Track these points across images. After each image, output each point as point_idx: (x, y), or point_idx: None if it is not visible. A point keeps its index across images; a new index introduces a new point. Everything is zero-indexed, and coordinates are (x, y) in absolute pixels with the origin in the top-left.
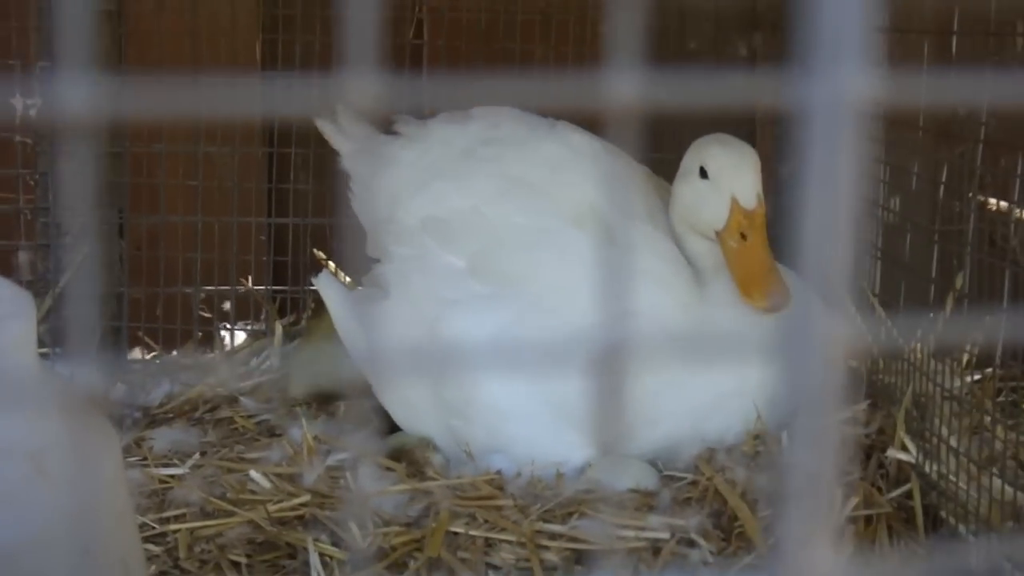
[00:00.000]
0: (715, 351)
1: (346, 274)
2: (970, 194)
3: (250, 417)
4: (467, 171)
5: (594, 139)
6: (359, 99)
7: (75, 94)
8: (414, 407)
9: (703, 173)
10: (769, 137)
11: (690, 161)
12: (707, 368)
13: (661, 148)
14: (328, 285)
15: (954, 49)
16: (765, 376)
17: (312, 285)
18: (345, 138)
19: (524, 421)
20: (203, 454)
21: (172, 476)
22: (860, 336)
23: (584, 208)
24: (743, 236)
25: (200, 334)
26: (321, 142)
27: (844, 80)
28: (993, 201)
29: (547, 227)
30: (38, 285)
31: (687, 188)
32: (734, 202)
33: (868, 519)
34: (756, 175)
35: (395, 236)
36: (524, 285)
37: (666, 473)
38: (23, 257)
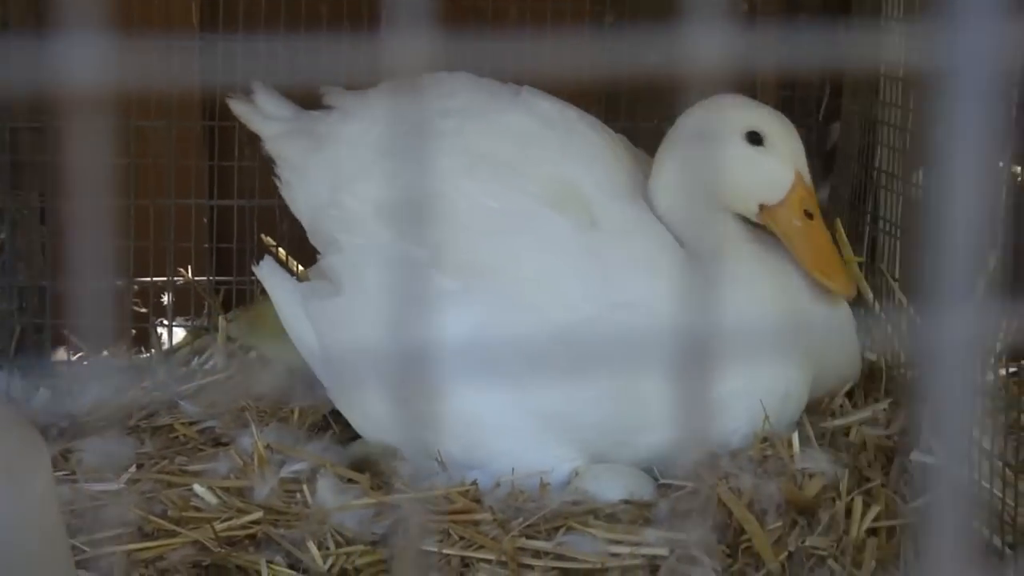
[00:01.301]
0: (723, 346)
1: (299, 263)
2: None
3: (192, 424)
4: (422, 147)
5: (566, 107)
6: (404, 62)
7: None
8: (377, 419)
9: (753, 139)
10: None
11: (719, 123)
12: (713, 364)
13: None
14: (272, 275)
15: None
16: (776, 372)
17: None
18: (265, 119)
19: (505, 435)
20: (140, 467)
21: (105, 492)
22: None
23: (561, 186)
24: (807, 215)
25: (134, 332)
26: None
27: (987, 34)
28: None
29: (520, 210)
30: None
31: (723, 152)
32: (799, 176)
33: (890, 531)
34: None
35: (342, 223)
36: (497, 278)
37: (663, 482)
38: None
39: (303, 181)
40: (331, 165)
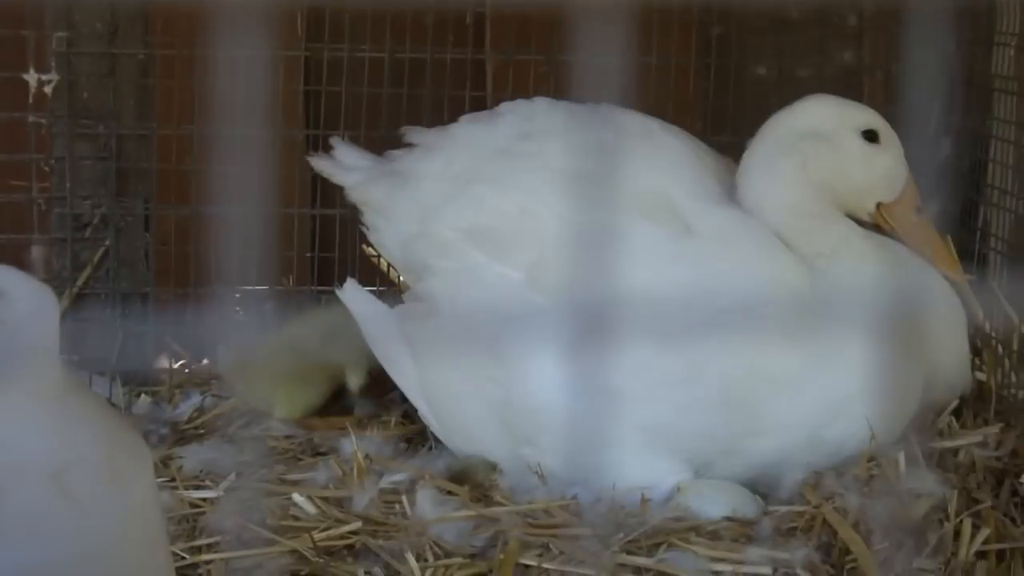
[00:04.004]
0: (837, 348)
1: (400, 273)
2: None
3: (291, 436)
4: (507, 170)
5: (646, 118)
6: None
7: None
8: (477, 438)
9: (869, 136)
10: None
11: (834, 121)
12: (826, 369)
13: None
14: (358, 298)
15: None
16: (895, 375)
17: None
18: (346, 170)
19: (607, 448)
20: (239, 475)
21: (204, 499)
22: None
23: (651, 196)
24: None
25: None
26: (372, 122)
27: None
28: None
29: (612, 223)
30: (53, 284)
31: (843, 151)
32: (910, 172)
33: (1000, 554)
34: None
35: (434, 249)
36: (594, 294)
37: (770, 509)
38: (36, 253)
39: (390, 221)
40: (418, 199)
